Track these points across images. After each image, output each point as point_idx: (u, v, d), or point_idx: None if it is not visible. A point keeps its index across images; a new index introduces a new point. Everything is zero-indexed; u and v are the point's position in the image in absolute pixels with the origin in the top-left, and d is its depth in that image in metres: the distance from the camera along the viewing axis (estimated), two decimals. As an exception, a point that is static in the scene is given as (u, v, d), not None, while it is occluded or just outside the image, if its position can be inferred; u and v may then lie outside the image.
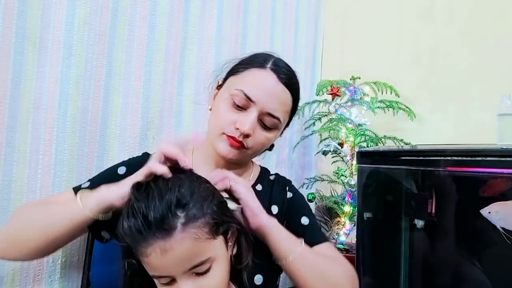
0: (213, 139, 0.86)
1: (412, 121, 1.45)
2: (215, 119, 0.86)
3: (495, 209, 0.76)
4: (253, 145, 0.85)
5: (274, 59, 0.87)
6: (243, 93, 0.81)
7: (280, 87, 0.84)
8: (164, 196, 0.62)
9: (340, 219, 1.46)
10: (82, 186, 0.85)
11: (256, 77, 0.84)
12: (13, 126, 1.03)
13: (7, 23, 1.01)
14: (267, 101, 0.82)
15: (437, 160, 0.87)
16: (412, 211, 0.94)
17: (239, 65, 0.88)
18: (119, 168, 0.88)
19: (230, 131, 0.82)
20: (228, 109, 0.83)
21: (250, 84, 0.82)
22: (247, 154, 0.87)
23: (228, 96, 0.84)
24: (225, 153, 0.84)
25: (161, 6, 1.27)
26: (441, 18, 1.52)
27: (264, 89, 0.82)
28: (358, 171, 1.11)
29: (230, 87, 0.85)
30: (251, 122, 0.81)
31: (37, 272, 1.05)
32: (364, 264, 1.05)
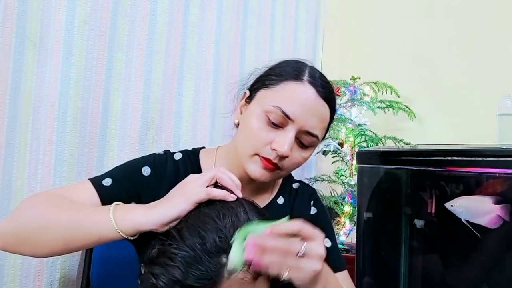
0: (244, 158, 0.78)
1: (412, 121, 1.45)
2: (247, 138, 0.77)
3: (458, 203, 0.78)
4: (288, 166, 0.77)
5: (309, 69, 0.79)
6: (280, 110, 0.73)
7: (320, 102, 0.76)
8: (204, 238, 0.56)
9: (340, 219, 1.46)
10: (104, 183, 0.77)
11: (294, 92, 0.75)
12: (13, 126, 1.03)
13: (7, 23, 1.01)
14: (306, 119, 0.74)
15: (437, 160, 0.87)
16: (412, 211, 0.94)
17: (271, 76, 0.79)
18: (143, 168, 0.81)
19: (265, 152, 0.75)
20: (262, 127, 0.75)
21: (288, 100, 0.74)
22: (280, 175, 0.81)
23: (261, 113, 0.75)
24: (258, 176, 0.76)
25: (161, 6, 1.27)
26: (441, 18, 1.52)
27: (303, 106, 0.74)
28: (358, 171, 1.11)
29: (263, 102, 0.77)
30: (289, 143, 0.73)
31: (37, 272, 1.05)
32: (364, 264, 1.05)
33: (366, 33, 1.73)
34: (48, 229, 0.66)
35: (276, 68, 0.81)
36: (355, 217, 1.39)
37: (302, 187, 0.92)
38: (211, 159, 0.86)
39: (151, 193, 0.78)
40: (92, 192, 0.75)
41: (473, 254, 0.83)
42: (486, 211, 0.76)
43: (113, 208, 0.66)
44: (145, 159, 0.83)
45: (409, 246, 0.94)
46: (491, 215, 0.75)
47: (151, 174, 0.80)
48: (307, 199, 0.90)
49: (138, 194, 0.79)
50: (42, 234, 0.66)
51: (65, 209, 0.69)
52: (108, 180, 0.78)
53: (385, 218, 1.03)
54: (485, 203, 0.76)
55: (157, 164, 0.82)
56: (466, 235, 0.82)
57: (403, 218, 0.96)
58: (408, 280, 0.95)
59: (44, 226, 0.66)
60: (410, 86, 1.52)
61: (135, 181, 0.79)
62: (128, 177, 0.80)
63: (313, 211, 0.88)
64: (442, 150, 0.89)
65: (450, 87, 1.46)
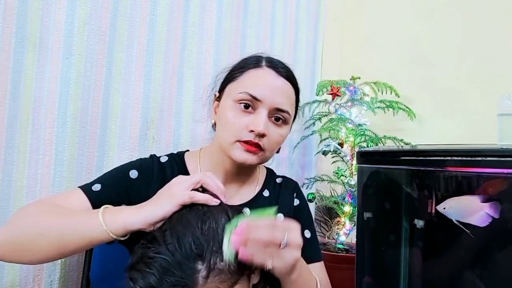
0: (227, 148, 0.83)
1: (412, 121, 1.45)
2: (225, 128, 0.83)
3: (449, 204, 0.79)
4: (269, 145, 0.83)
5: (266, 57, 0.88)
6: (248, 94, 0.81)
7: (281, 80, 0.84)
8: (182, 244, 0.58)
9: (340, 219, 1.46)
10: (93, 189, 0.80)
11: (256, 77, 0.84)
12: (13, 126, 1.03)
13: (7, 23, 1.01)
14: (273, 97, 0.82)
15: (437, 160, 0.87)
16: (412, 211, 0.94)
17: (234, 72, 0.88)
18: (130, 171, 0.84)
19: (244, 135, 0.81)
20: (236, 115, 0.82)
21: (252, 84, 0.82)
22: (264, 157, 0.86)
23: (232, 103, 0.83)
24: (243, 159, 0.81)
25: (161, 6, 1.27)
26: (441, 18, 1.52)
27: (267, 86, 0.82)
28: (358, 171, 1.11)
29: (232, 93, 0.84)
30: (263, 121, 0.80)
31: (37, 272, 1.06)
32: (364, 264, 1.04)
33: (366, 33, 1.73)
34: (42, 235, 0.69)
35: (237, 64, 0.89)
36: (355, 217, 1.39)
37: (286, 181, 0.98)
38: (196, 160, 0.91)
39: (140, 195, 0.81)
40: (83, 199, 0.78)
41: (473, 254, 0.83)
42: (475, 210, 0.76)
43: (102, 210, 0.69)
44: (132, 163, 0.87)
45: (409, 246, 0.94)
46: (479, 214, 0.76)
47: (138, 176, 0.84)
48: (290, 191, 0.96)
49: (127, 196, 0.82)
50: (37, 240, 0.69)
51: (58, 215, 0.71)
52: (98, 185, 0.81)
53: (385, 218, 1.03)
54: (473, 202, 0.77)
55: (143, 168, 0.86)
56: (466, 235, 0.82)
57: (403, 218, 0.96)
58: (408, 280, 0.95)
59: (39, 233, 0.69)
60: (410, 86, 1.52)
61: (123, 184, 0.82)
62: (116, 181, 0.83)
63: (296, 202, 0.95)
64: (442, 150, 0.89)
65: (450, 87, 1.46)
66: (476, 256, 0.84)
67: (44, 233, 0.69)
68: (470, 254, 0.85)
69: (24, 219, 0.72)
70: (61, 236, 0.68)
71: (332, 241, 1.49)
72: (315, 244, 0.94)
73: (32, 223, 0.70)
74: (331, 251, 1.40)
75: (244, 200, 0.90)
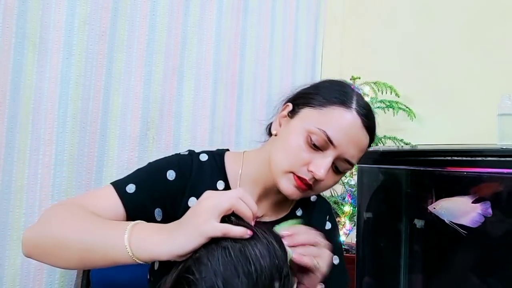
0: (278, 173, 0.76)
1: (412, 121, 1.45)
2: (285, 154, 0.76)
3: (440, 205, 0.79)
4: (319, 188, 0.78)
5: (356, 97, 0.78)
6: (325, 134, 0.73)
7: (363, 133, 0.77)
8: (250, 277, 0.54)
9: (340, 219, 1.46)
10: (127, 190, 0.75)
11: (341, 119, 0.75)
12: (13, 126, 1.03)
13: (7, 23, 1.01)
14: (348, 147, 0.74)
15: (437, 160, 0.87)
16: (412, 211, 0.94)
17: (318, 96, 0.78)
18: (168, 171, 0.78)
19: (301, 172, 0.74)
20: (302, 146, 0.74)
21: (334, 126, 0.73)
22: (308, 195, 0.81)
23: (303, 131, 0.74)
24: (289, 193, 0.76)
25: (161, 6, 1.27)
26: (441, 18, 1.52)
27: (348, 134, 0.74)
28: (358, 171, 1.11)
29: (307, 121, 0.76)
30: (327, 167, 0.73)
31: (37, 272, 1.05)
32: (364, 264, 1.04)
33: (366, 33, 1.73)
34: (66, 247, 0.65)
35: (322, 87, 0.81)
36: (355, 217, 1.39)
37: (320, 201, 0.92)
38: (237, 164, 0.84)
39: (176, 200, 0.77)
40: (115, 201, 0.74)
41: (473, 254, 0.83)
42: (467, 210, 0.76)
43: (128, 232, 0.63)
44: (169, 161, 0.81)
45: (409, 246, 0.94)
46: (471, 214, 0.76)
47: (176, 178, 0.78)
48: (324, 213, 0.91)
49: (162, 201, 0.77)
50: (61, 251, 0.66)
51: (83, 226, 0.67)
52: (132, 186, 0.75)
53: (385, 218, 1.03)
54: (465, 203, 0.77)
55: (182, 167, 0.80)
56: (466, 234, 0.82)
57: (403, 218, 0.96)
58: (408, 280, 0.95)
59: (62, 244, 0.66)
60: (410, 86, 1.51)
61: (159, 187, 0.77)
62: (152, 183, 0.77)
63: (328, 226, 0.89)
64: (442, 150, 0.89)
65: (450, 87, 1.46)
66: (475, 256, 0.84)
67: (68, 246, 0.65)
68: (469, 254, 0.85)
69: (51, 224, 0.69)
70: (84, 251, 0.65)
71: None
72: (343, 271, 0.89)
73: (57, 231, 0.67)
74: (331, 251, 1.40)
75: (276, 217, 0.85)
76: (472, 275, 0.84)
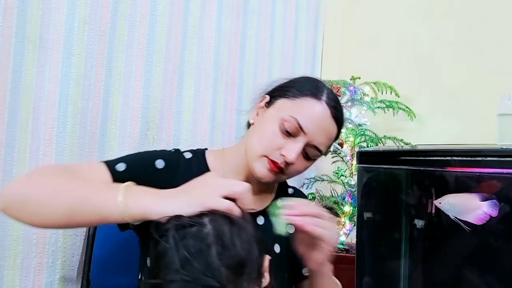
0: (252, 157, 0.83)
1: (412, 121, 1.45)
2: (260, 139, 0.83)
3: (446, 200, 0.80)
4: (290, 172, 0.84)
5: (327, 90, 0.85)
6: (296, 121, 0.80)
7: (332, 123, 0.83)
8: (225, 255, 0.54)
9: (340, 219, 1.46)
10: (117, 168, 0.77)
11: (311, 108, 0.82)
12: (13, 126, 1.03)
13: (7, 23, 1.01)
14: (317, 135, 0.81)
15: (437, 160, 0.87)
16: (412, 211, 0.94)
17: (292, 88, 0.85)
18: (156, 160, 0.83)
19: (274, 156, 0.81)
20: (276, 132, 0.81)
21: (305, 114, 0.81)
22: (280, 179, 0.87)
23: (277, 119, 0.81)
24: (262, 175, 0.82)
25: (161, 6, 1.27)
26: (441, 18, 1.52)
27: (317, 123, 0.81)
28: (358, 171, 1.11)
29: (281, 110, 0.83)
30: (297, 152, 0.80)
31: (37, 272, 1.05)
32: (364, 264, 1.05)
33: (366, 33, 1.73)
34: (54, 197, 0.65)
35: (297, 81, 0.88)
36: (355, 217, 1.39)
37: (297, 193, 1.00)
38: (219, 160, 0.89)
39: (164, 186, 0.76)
40: (105, 174, 0.76)
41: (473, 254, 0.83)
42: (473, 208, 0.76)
43: (123, 190, 0.64)
44: (157, 152, 0.86)
45: (409, 246, 0.94)
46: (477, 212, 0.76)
47: (165, 167, 0.82)
48: None
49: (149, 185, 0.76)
50: (47, 202, 0.65)
51: (74, 181, 0.68)
52: (122, 165, 0.78)
53: (385, 218, 1.03)
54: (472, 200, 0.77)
55: (170, 160, 0.84)
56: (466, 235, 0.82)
57: (403, 218, 0.96)
58: (408, 280, 0.95)
59: (51, 194, 0.65)
60: (410, 86, 1.52)
61: (148, 171, 0.81)
62: (142, 166, 0.81)
63: None
64: (442, 150, 0.89)
65: (450, 87, 1.46)
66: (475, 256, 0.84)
67: (57, 196, 0.64)
68: (469, 254, 0.85)
69: (38, 177, 0.68)
70: (74, 203, 0.64)
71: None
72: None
73: (46, 183, 0.66)
74: (331, 251, 1.40)
75: (259, 208, 0.90)
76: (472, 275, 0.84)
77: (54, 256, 1.08)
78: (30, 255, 1.04)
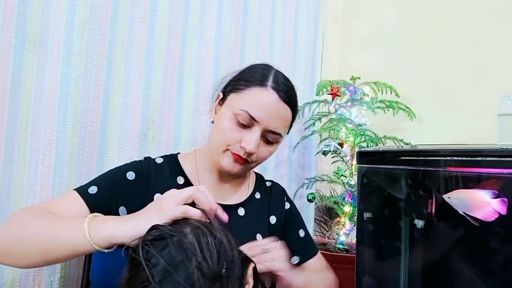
0: (217, 154, 0.88)
1: (412, 121, 1.45)
2: (220, 136, 0.87)
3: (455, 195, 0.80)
4: (256, 159, 0.88)
5: (273, 75, 0.88)
6: (247, 113, 0.83)
7: (282, 105, 0.86)
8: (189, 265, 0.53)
9: (340, 219, 1.46)
10: (90, 191, 0.80)
11: (259, 97, 0.85)
12: (13, 126, 1.03)
13: (7, 23, 1.01)
14: (270, 121, 0.84)
15: (437, 160, 0.87)
16: (412, 211, 0.94)
17: (240, 81, 0.88)
18: (127, 173, 0.85)
19: (235, 149, 0.85)
20: (232, 127, 0.85)
21: (253, 104, 0.84)
22: (250, 167, 0.91)
23: (231, 115, 0.85)
24: (230, 168, 0.87)
25: (161, 6, 1.27)
26: (441, 18, 1.52)
27: (267, 110, 0.84)
28: (358, 171, 1.11)
29: (233, 105, 0.86)
30: (255, 141, 0.84)
31: (37, 272, 1.06)
32: (364, 264, 1.05)
33: (366, 33, 1.73)
34: (27, 241, 0.68)
35: (244, 73, 0.91)
36: (355, 217, 1.39)
37: (275, 185, 1.05)
38: (191, 161, 0.94)
39: (137, 198, 0.81)
40: (80, 203, 0.78)
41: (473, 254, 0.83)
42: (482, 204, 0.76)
43: (89, 219, 0.66)
44: (127, 165, 0.89)
45: (409, 246, 0.94)
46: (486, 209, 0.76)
47: (135, 178, 0.85)
48: (280, 196, 1.03)
49: (125, 199, 0.82)
50: (23, 246, 0.68)
51: (44, 222, 0.70)
52: (94, 188, 0.80)
53: (385, 218, 1.03)
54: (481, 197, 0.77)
55: (140, 169, 0.87)
56: (466, 234, 0.82)
57: (403, 218, 0.96)
58: (408, 280, 0.95)
59: (24, 238, 0.68)
60: (410, 86, 1.52)
61: (120, 186, 0.82)
62: (113, 183, 0.83)
63: (287, 206, 1.02)
64: (442, 150, 0.89)
65: (450, 87, 1.46)
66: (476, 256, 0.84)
67: (30, 239, 0.68)
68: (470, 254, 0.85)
69: (14, 224, 0.72)
70: (46, 243, 0.67)
71: (332, 241, 1.49)
72: (310, 240, 1.03)
73: (20, 228, 0.70)
74: (331, 251, 1.40)
75: (238, 201, 0.95)
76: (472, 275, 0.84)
77: (54, 256, 1.08)
78: (30, 255, 1.04)
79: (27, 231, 0.69)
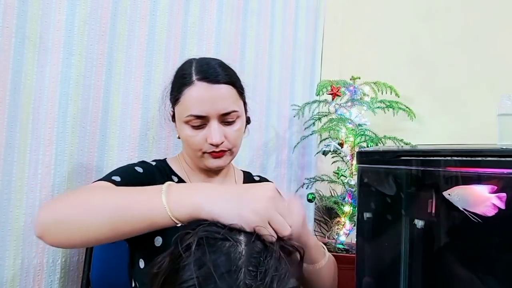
0: (197, 160, 0.92)
1: (412, 121, 1.45)
2: (189, 146, 0.91)
3: (455, 192, 0.80)
4: (232, 144, 0.90)
5: (195, 67, 0.89)
6: (192, 116, 0.86)
7: (215, 88, 0.86)
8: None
9: (340, 219, 1.45)
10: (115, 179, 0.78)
11: (192, 96, 0.86)
12: (13, 126, 1.03)
13: (7, 23, 1.01)
14: (215, 107, 0.86)
15: (437, 160, 0.87)
16: (412, 211, 0.94)
17: (173, 93, 0.92)
18: (136, 167, 0.89)
19: (208, 148, 0.89)
20: (192, 133, 0.88)
21: (192, 105, 0.86)
22: (233, 153, 0.94)
23: (184, 125, 0.89)
24: (215, 165, 0.91)
25: (161, 6, 1.27)
26: (441, 18, 1.52)
27: (204, 102, 0.86)
28: (358, 171, 1.11)
29: (180, 116, 0.89)
30: (217, 132, 0.86)
31: (37, 272, 1.05)
32: (364, 264, 1.04)
33: (366, 33, 1.73)
34: (95, 211, 0.62)
35: (173, 82, 0.94)
36: (355, 217, 1.39)
37: (264, 180, 1.07)
38: (178, 163, 0.99)
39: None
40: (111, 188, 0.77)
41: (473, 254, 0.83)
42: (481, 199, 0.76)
43: (165, 189, 0.61)
44: (132, 163, 0.92)
45: (409, 246, 0.94)
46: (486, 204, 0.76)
47: (143, 172, 0.89)
48: None
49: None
50: (89, 216, 0.62)
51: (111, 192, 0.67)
52: (117, 177, 0.81)
53: (385, 218, 1.03)
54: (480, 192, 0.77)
55: (145, 167, 0.91)
56: (466, 234, 0.82)
57: (403, 218, 0.96)
58: (408, 280, 0.95)
59: (92, 210, 0.62)
60: (410, 86, 1.52)
61: (136, 177, 0.86)
62: (129, 174, 0.86)
63: None
64: (442, 150, 0.89)
65: (450, 87, 1.46)
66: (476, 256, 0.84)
67: (98, 211, 0.62)
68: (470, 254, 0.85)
69: (75, 196, 0.67)
70: (117, 215, 0.61)
71: (332, 241, 1.49)
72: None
73: (85, 200, 0.64)
74: (331, 251, 1.40)
75: None
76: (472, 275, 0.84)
77: (54, 256, 1.08)
78: (30, 255, 1.04)
79: (94, 202, 0.63)
